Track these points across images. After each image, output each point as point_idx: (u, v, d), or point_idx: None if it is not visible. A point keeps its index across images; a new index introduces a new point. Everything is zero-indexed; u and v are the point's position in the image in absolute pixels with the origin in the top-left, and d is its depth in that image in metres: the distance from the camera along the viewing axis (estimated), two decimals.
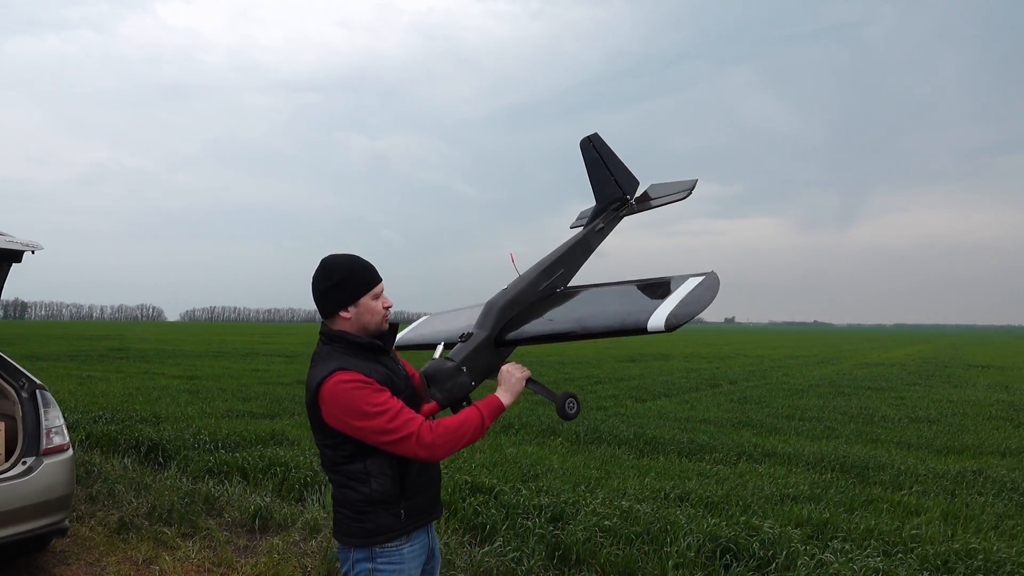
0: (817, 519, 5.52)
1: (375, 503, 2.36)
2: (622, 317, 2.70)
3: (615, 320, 2.71)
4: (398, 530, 2.40)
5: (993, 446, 9.60)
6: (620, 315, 2.72)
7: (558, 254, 3.15)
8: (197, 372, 19.15)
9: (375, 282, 2.43)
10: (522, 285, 2.95)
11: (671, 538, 4.91)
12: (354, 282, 2.41)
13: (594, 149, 3.36)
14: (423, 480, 2.47)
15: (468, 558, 4.81)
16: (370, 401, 2.23)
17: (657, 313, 2.56)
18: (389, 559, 2.40)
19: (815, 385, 18.23)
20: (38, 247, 4.72)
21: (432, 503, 2.54)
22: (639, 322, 2.59)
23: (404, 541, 2.42)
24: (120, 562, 4.99)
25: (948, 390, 17.56)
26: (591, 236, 3.31)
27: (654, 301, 2.68)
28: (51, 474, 4.60)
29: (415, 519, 2.45)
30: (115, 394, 12.72)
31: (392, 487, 2.36)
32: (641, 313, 2.63)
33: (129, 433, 8.41)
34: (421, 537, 2.50)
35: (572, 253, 3.20)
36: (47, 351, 27.58)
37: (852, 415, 12.53)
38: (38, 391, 4.87)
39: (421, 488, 2.46)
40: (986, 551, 4.83)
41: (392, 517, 2.38)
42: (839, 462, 8.04)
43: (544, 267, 3.05)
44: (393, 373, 2.46)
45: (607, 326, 2.71)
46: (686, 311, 2.54)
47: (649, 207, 3.55)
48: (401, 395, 2.41)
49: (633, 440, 9.17)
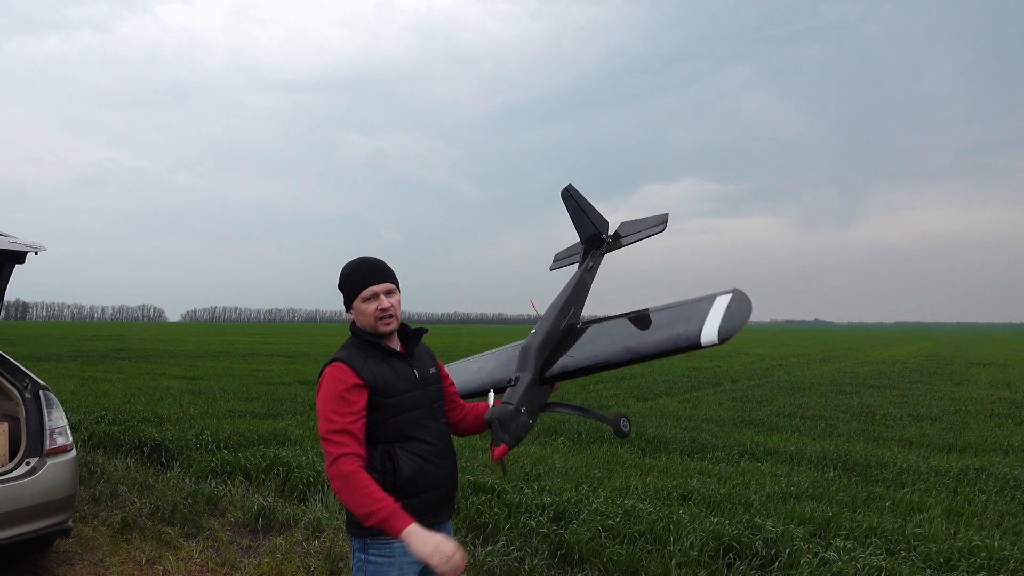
0: (820, 517, 5.52)
1: None
2: (672, 338, 2.89)
3: (665, 340, 2.91)
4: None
5: (995, 444, 9.59)
6: (668, 335, 2.92)
7: (567, 294, 3.47)
8: (199, 372, 19.16)
9: (363, 286, 2.52)
10: (548, 326, 3.22)
11: (674, 537, 4.91)
12: (347, 286, 2.57)
13: (572, 198, 3.74)
14: (421, 483, 2.49)
15: (471, 557, 4.81)
16: (333, 407, 2.39)
17: (707, 328, 2.78)
18: (379, 552, 2.46)
19: (816, 383, 18.22)
20: (41, 248, 4.73)
21: (434, 507, 2.54)
22: (691, 339, 2.81)
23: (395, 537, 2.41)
24: (123, 562, 4.99)
25: (950, 388, 17.54)
26: (587, 275, 3.67)
27: (695, 319, 2.88)
28: (55, 474, 4.61)
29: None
30: (117, 394, 12.72)
31: (382, 483, 2.39)
32: (689, 331, 2.84)
33: (132, 433, 8.42)
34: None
35: (576, 293, 3.53)
36: (49, 352, 27.58)
37: (854, 413, 12.52)
38: (41, 391, 4.88)
39: (419, 490, 2.48)
40: (989, 549, 4.83)
41: None
42: (841, 460, 8.04)
43: (560, 308, 3.36)
44: (398, 374, 2.52)
45: (658, 347, 2.92)
46: (733, 323, 2.76)
47: (622, 244, 3.90)
48: (404, 396, 2.50)
49: (635, 439, 9.17)
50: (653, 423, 10.63)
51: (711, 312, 2.87)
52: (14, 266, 5.03)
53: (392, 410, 2.48)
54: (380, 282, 2.53)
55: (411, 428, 2.51)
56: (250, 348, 34.16)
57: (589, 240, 3.89)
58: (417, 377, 2.58)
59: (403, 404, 2.50)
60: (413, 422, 2.51)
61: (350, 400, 2.40)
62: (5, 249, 4.58)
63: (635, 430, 9.67)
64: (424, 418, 2.55)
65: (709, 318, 2.83)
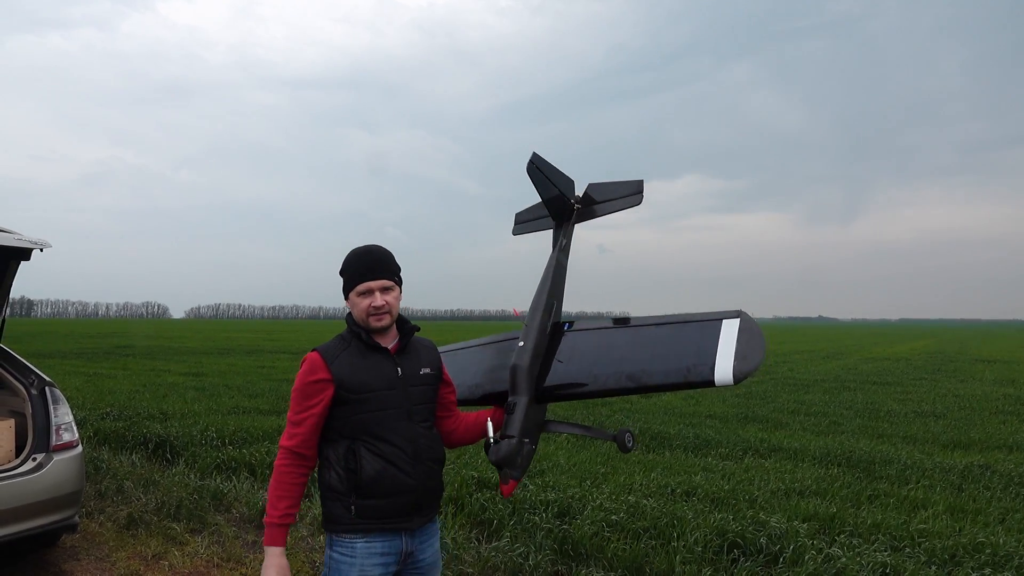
0: (824, 514, 5.52)
1: (331, 490, 2.46)
2: (682, 370, 2.67)
3: (675, 373, 2.68)
4: (348, 524, 2.44)
5: (1000, 440, 9.58)
6: (678, 368, 2.68)
7: (547, 287, 3.20)
8: (203, 369, 19.21)
9: (359, 281, 2.47)
10: (535, 336, 2.98)
11: (678, 533, 4.92)
12: (346, 277, 2.53)
13: (538, 170, 3.30)
14: (384, 485, 2.42)
15: (475, 553, 4.82)
16: (295, 398, 2.45)
17: (721, 365, 2.58)
18: (343, 550, 2.46)
19: (820, 380, 18.20)
20: (46, 245, 4.74)
21: (401, 512, 2.46)
22: (703, 375, 2.59)
23: (359, 535, 2.44)
24: (129, 557, 5.02)
25: (954, 384, 17.51)
26: (562, 258, 3.37)
27: (705, 351, 2.66)
28: (61, 470, 4.63)
29: (371, 520, 2.43)
30: (122, 391, 12.76)
31: (342, 481, 2.42)
32: (700, 364, 2.62)
33: (137, 430, 8.45)
34: (388, 539, 2.46)
35: (556, 283, 3.26)
36: (54, 349, 27.68)
37: (858, 410, 12.51)
38: (47, 388, 4.90)
39: (382, 492, 2.42)
40: (994, 545, 4.82)
41: (343, 509, 2.44)
42: (845, 457, 8.03)
43: (543, 308, 3.11)
44: (375, 371, 2.47)
45: (667, 379, 2.70)
46: (748, 364, 2.56)
47: (595, 213, 3.51)
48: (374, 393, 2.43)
49: (639, 436, 9.18)
50: (657, 420, 10.64)
51: (721, 343, 2.65)
52: (19, 263, 5.04)
53: (359, 406, 2.42)
54: (377, 278, 2.47)
55: (379, 427, 2.43)
56: (254, 345, 34.23)
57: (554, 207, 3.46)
58: (400, 375, 2.50)
59: (372, 402, 2.43)
60: (382, 422, 2.43)
61: (310, 394, 2.42)
62: (11, 246, 4.60)
63: (639, 426, 9.68)
64: (397, 419, 2.45)
65: (720, 352, 2.62)
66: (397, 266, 2.55)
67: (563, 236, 3.43)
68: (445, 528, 5.22)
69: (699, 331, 2.76)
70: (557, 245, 3.40)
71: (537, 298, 3.17)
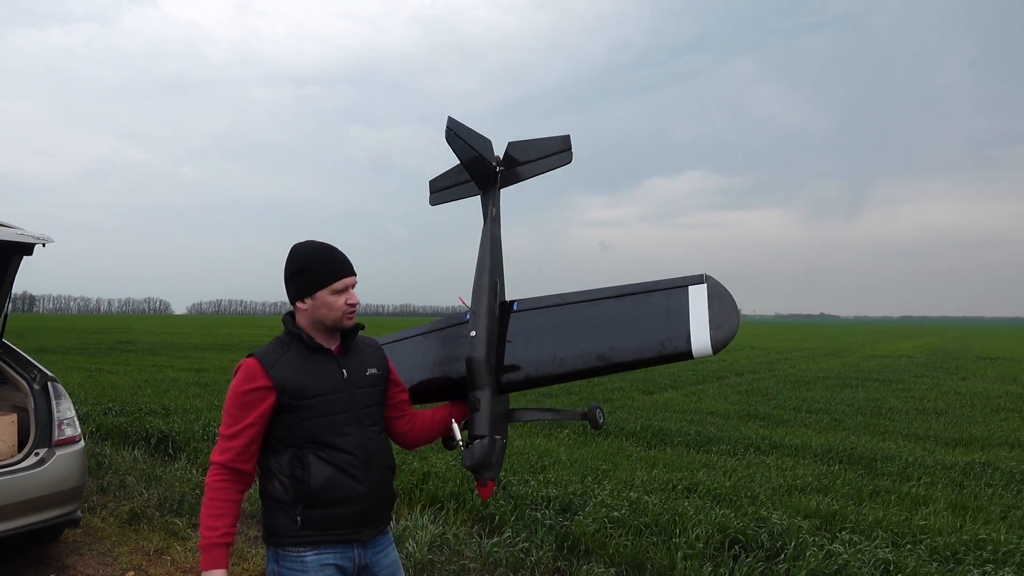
0: (825, 510, 5.52)
1: (275, 501, 2.29)
2: (655, 344, 2.44)
3: (649, 348, 2.45)
4: (295, 536, 2.27)
5: (1001, 438, 9.57)
6: (651, 343, 2.46)
7: (487, 265, 2.95)
8: (205, 365, 19.23)
9: (338, 276, 2.29)
10: (485, 321, 2.73)
11: (680, 529, 4.92)
12: (314, 273, 2.29)
13: (456, 136, 3.02)
14: (335, 495, 2.26)
15: (477, 549, 4.83)
16: (230, 410, 2.27)
17: (697, 335, 2.38)
18: (291, 565, 2.28)
19: (822, 377, 18.20)
20: (49, 240, 4.74)
21: (352, 522, 2.31)
22: (679, 347, 2.38)
23: (308, 548, 2.27)
24: (132, 552, 5.03)
25: (956, 382, 17.51)
26: (495, 228, 3.11)
27: (677, 321, 2.44)
28: (63, 465, 4.64)
29: (319, 532, 2.27)
30: (124, 386, 12.78)
31: (287, 491, 2.26)
32: (675, 337, 2.41)
33: (139, 425, 8.46)
34: (341, 551, 2.31)
35: (494, 259, 2.99)
36: (56, 344, 27.71)
37: (859, 407, 12.50)
38: (49, 383, 4.91)
39: (331, 502, 2.26)
40: (995, 542, 4.83)
41: (288, 520, 2.27)
42: (847, 454, 8.04)
43: (486, 289, 2.86)
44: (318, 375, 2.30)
45: (639, 355, 2.46)
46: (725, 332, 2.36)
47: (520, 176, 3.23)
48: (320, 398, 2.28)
49: (640, 432, 9.18)
50: (658, 416, 10.63)
51: (692, 312, 2.43)
52: (22, 258, 5.05)
53: (304, 412, 2.26)
54: (351, 274, 2.33)
55: (327, 434, 2.27)
56: (255, 341, 34.25)
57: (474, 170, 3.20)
58: (345, 378, 2.34)
59: (317, 407, 2.27)
60: (330, 427, 2.28)
61: (248, 404, 2.24)
62: (13, 241, 4.60)
63: (640, 423, 9.68)
64: (345, 424, 2.30)
65: (694, 321, 2.41)
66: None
67: (491, 204, 3.17)
68: (447, 524, 5.23)
69: (665, 300, 2.53)
70: (488, 216, 3.14)
71: (478, 279, 2.92)
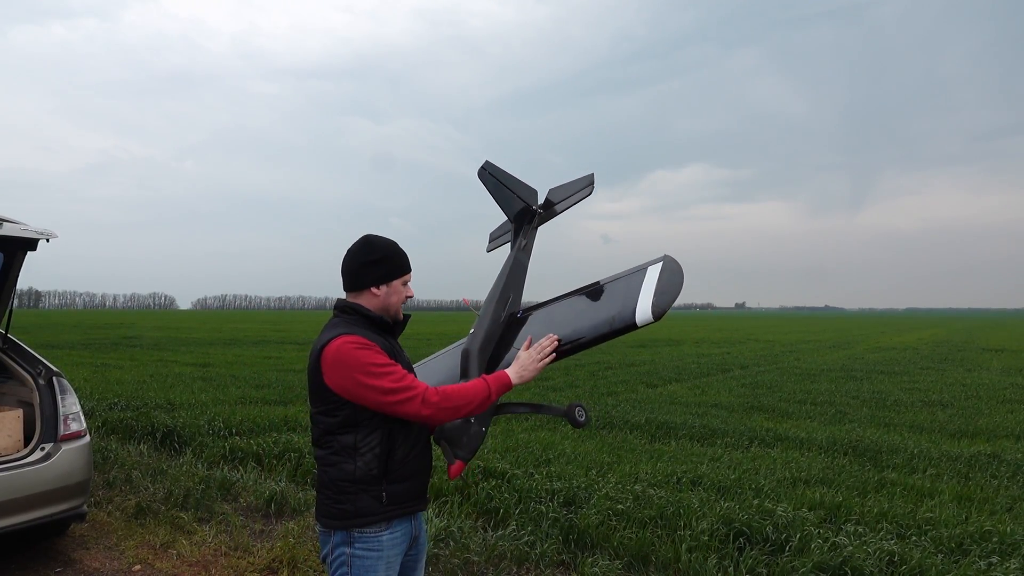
0: (830, 502, 5.51)
1: (358, 482, 2.34)
2: (608, 320, 2.76)
3: (603, 324, 2.77)
4: (378, 514, 2.36)
5: (1007, 429, 9.55)
6: (604, 319, 2.78)
7: (503, 280, 3.24)
8: (210, 360, 19.28)
9: (409, 269, 2.55)
10: (487, 323, 3.01)
11: (684, 522, 4.92)
12: (394, 262, 2.51)
13: (491, 176, 3.45)
14: (409, 467, 2.44)
15: (482, 542, 4.83)
16: (375, 362, 2.30)
17: (641, 306, 2.66)
18: (367, 545, 2.36)
19: (827, 370, 18.16)
20: (53, 235, 4.75)
21: (418, 494, 2.50)
22: (626, 320, 2.68)
23: (384, 527, 2.39)
24: (138, 546, 5.05)
25: (961, 374, 17.46)
26: (521, 256, 3.40)
27: (628, 297, 2.76)
28: (69, 460, 4.66)
29: (398, 506, 2.41)
30: (129, 381, 12.83)
31: (377, 466, 2.34)
32: (624, 311, 2.71)
33: (144, 420, 8.49)
34: (403, 525, 2.47)
35: (513, 278, 3.28)
36: (62, 339, 27.82)
37: (864, 399, 12.48)
38: (55, 378, 4.92)
39: (406, 475, 2.43)
40: (1001, 533, 4.82)
41: (373, 500, 2.36)
42: (852, 446, 8.02)
43: (497, 298, 3.13)
44: (397, 354, 2.50)
45: (597, 332, 2.77)
46: (666, 299, 2.64)
47: (555, 212, 3.62)
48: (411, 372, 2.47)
49: (645, 425, 9.18)
50: (663, 409, 10.63)
51: (643, 287, 2.75)
52: (26, 253, 5.06)
53: None
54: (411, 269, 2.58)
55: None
56: (261, 335, 34.34)
57: (519, 215, 3.55)
58: (407, 360, 2.58)
59: None
60: None
61: (383, 353, 2.35)
62: (17, 236, 4.61)
63: (644, 416, 9.67)
64: None
65: (642, 294, 2.71)
66: None
67: (523, 237, 3.48)
68: (451, 517, 5.24)
69: (626, 282, 2.87)
70: (516, 245, 3.44)
71: (493, 289, 3.20)
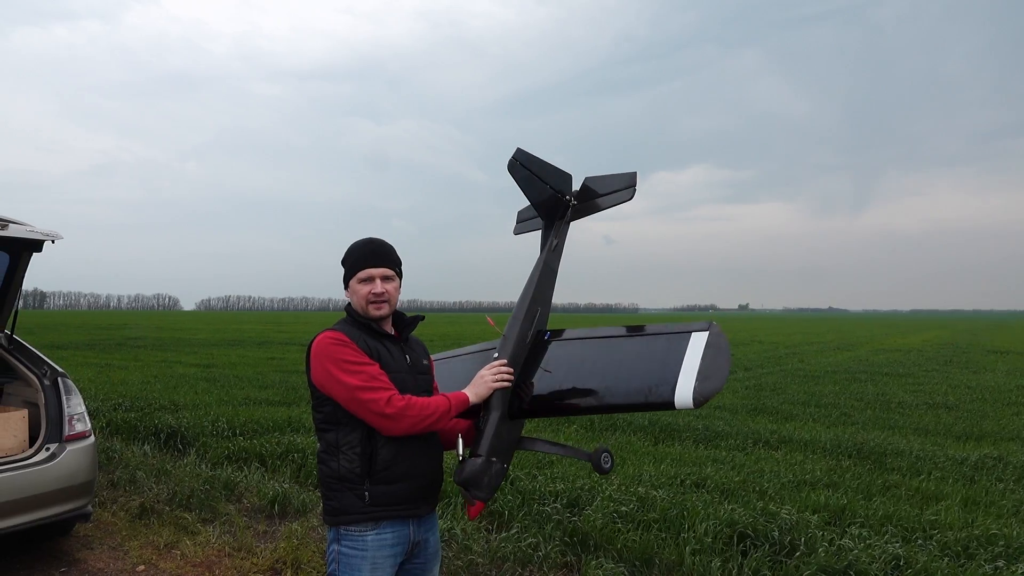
0: (835, 505, 5.50)
1: (341, 480, 2.38)
2: (642, 390, 2.57)
3: (636, 393, 2.59)
4: (361, 513, 2.37)
5: (1013, 432, 9.51)
6: (639, 388, 2.59)
7: (531, 293, 2.99)
8: (214, 360, 19.32)
9: (361, 267, 2.50)
10: (511, 347, 2.81)
11: (688, 524, 4.91)
12: (347, 263, 2.55)
13: (522, 167, 3.04)
14: (398, 470, 2.40)
15: (485, 544, 4.83)
16: (347, 358, 2.35)
17: (681, 387, 2.47)
18: (352, 543, 2.39)
19: (831, 371, 18.11)
20: (58, 236, 4.76)
21: (412, 497, 2.45)
22: (664, 397, 2.49)
23: (369, 527, 2.38)
24: (142, 546, 5.06)
25: (966, 376, 17.39)
26: (552, 259, 3.12)
27: (668, 369, 2.55)
28: (74, 460, 4.67)
29: (384, 507, 2.39)
30: (134, 382, 12.86)
31: (358, 465, 2.36)
32: (661, 385, 2.52)
33: (149, 420, 8.51)
34: (398, 528, 2.44)
35: (542, 288, 3.04)
36: (66, 340, 27.89)
37: (869, 401, 12.45)
38: (60, 379, 4.93)
39: (395, 477, 2.39)
40: (1007, 537, 4.79)
41: (355, 498, 2.37)
42: (856, 448, 8.00)
43: (524, 315, 2.91)
44: (391, 355, 2.48)
45: (629, 401, 2.61)
46: (710, 385, 2.45)
47: (595, 208, 3.28)
48: (395, 375, 2.43)
49: (648, 427, 9.16)
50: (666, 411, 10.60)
51: (686, 360, 2.53)
52: (32, 254, 5.07)
53: None
54: (379, 266, 2.49)
55: None
56: (264, 336, 34.40)
57: (550, 208, 3.21)
58: (409, 363, 2.54)
59: (394, 383, 2.40)
60: None
61: (362, 353, 2.38)
62: (23, 238, 4.63)
63: (648, 418, 9.65)
64: None
65: (684, 370, 2.50)
66: (398, 258, 2.58)
67: (554, 236, 3.17)
68: (455, 519, 5.23)
69: (667, 345, 2.65)
70: (547, 246, 3.15)
71: (519, 305, 2.97)
